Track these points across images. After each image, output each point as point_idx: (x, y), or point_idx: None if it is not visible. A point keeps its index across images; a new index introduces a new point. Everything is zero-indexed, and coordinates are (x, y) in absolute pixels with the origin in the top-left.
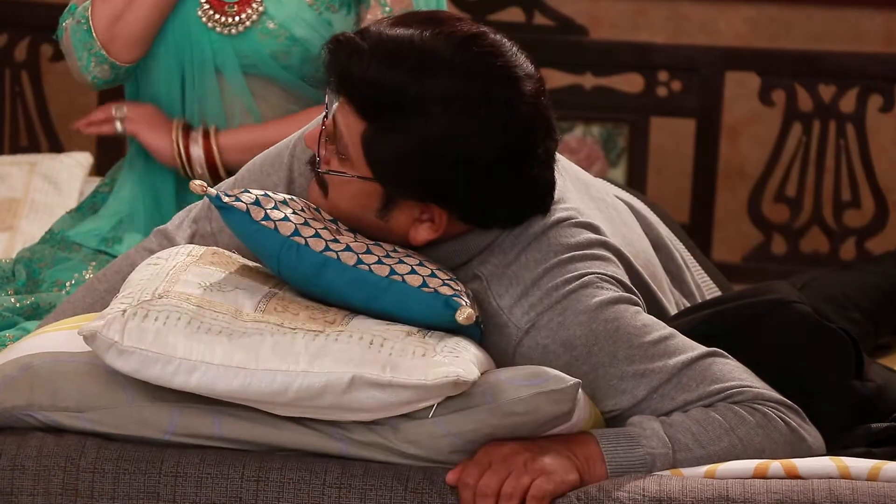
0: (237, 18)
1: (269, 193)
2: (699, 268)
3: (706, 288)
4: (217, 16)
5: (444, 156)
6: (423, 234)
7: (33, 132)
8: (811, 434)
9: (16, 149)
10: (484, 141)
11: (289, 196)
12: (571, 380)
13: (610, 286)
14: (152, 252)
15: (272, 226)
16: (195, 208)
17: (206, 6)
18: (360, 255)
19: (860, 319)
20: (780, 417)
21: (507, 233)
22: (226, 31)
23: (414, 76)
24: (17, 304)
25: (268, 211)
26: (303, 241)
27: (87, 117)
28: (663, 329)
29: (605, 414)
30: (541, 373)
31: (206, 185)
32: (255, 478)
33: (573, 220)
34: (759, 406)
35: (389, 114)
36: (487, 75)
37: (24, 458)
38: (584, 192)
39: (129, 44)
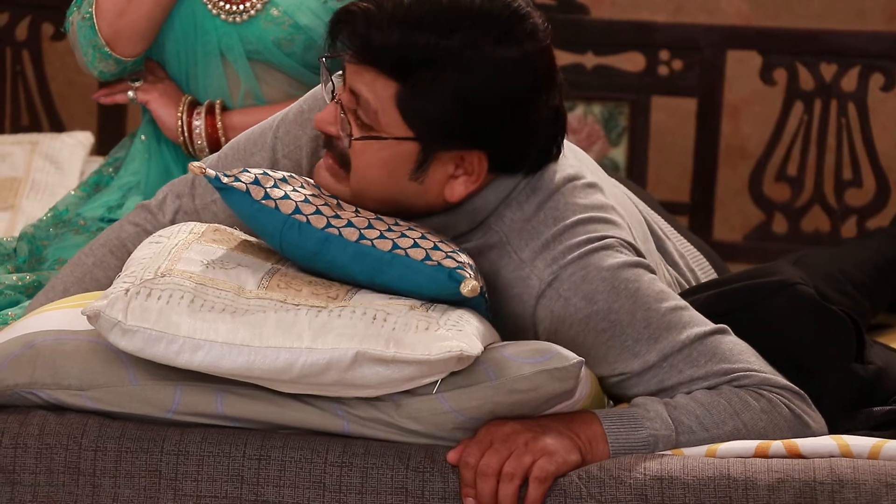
0: (242, 6)
1: (268, 172)
2: (679, 237)
3: (690, 257)
4: (222, 3)
5: (482, 97)
6: (459, 188)
7: (34, 111)
8: (815, 420)
9: (17, 128)
10: (516, 74)
11: (287, 173)
12: (575, 357)
13: (627, 251)
14: (138, 225)
15: (273, 205)
16: (178, 183)
17: None
18: (363, 231)
19: (856, 295)
20: (784, 403)
21: (521, 188)
22: (230, 19)
23: (441, 30)
24: (20, 283)
25: (268, 189)
26: (304, 219)
27: (109, 88)
28: (678, 300)
29: (614, 377)
30: (544, 350)
31: (203, 166)
32: (257, 456)
33: (584, 181)
34: (765, 391)
35: (423, 69)
36: (508, 12)
37: (27, 436)
38: (582, 161)
39: (133, 39)
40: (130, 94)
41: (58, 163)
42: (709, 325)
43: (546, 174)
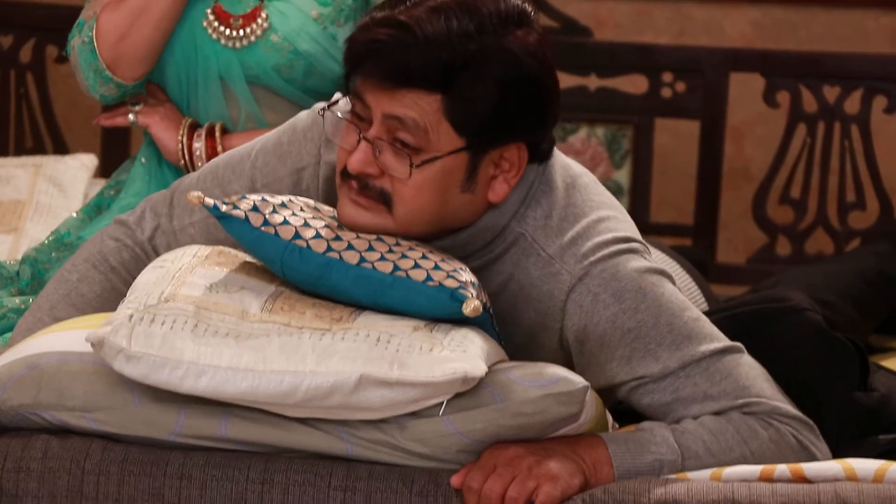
0: (242, 32)
1: (266, 197)
2: (667, 258)
3: (678, 280)
4: (223, 28)
5: (520, 82)
6: (502, 188)
7: (38, 134)
8: (822, 452)
9: (21, 150)
10: (540, 55)
11: (286, 197)
12: (581, 381)
13: (650, 258)
14: (118, 240)
15: (273, 231)
16: (157, 201)
17: (212, 18)
18: (363, 253)
19: (838, 303)
20: (792, 434)
21: (536, 186)
22: (230, 44)
23: (470, 31)
24: (23, 306)
25: (267, 216)
26: (304, 244)
27: (110, 111)
28: (698, 312)
29: (632, 382)
30: (551, 373)
31: (202, 196)
32: (261, 480)
33: (587, 173)
34: (774, 420)
35: (464, 73)
36: (517, 7)
37: (30, 459)
38: None
39: (134, 63)
40: (131, 117)
41: (61, 185)
42: (727, 342)
43: (553, 169)
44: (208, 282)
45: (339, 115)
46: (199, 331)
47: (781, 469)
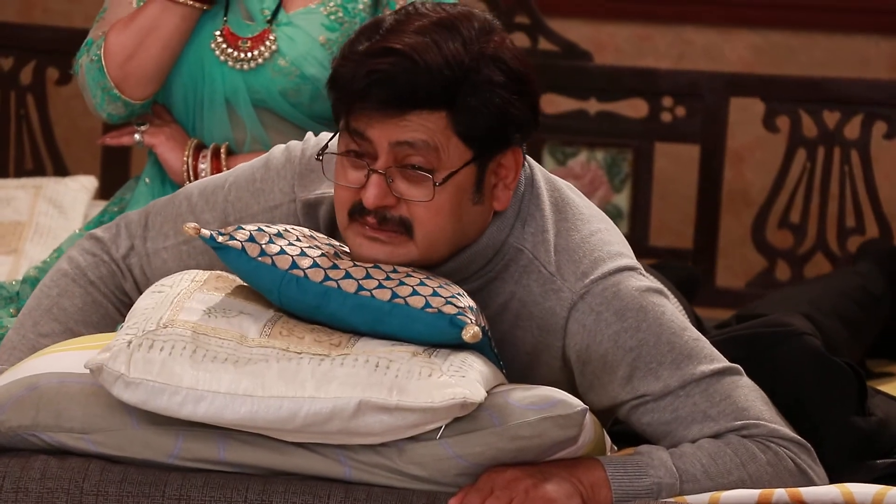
0: (250, 54)
1: (263, 227)
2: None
3: None
4: (230, 50)
5: (511, 83)
6: (503, 196)
7: (38, 155)
8: (819, 476)
9: (21, 172)
10: (518, 53)
11: (282, 226)
12: (579, 405)
13: (648, 277)
14: (94, 255)
15: (269, 261)
16: (132, 221)
17: (220, 40)
18: (361, 281)
19: (842, 331)
20: (790, 457)
21: (527, 199)
22: (238, 66)
23: (459, 45)
24: None
25: (263, 246)
26: (301, 274)
27: (116, 130)
28: (697, 332)
29: (633, 401)
30: (549, 396)
31: (198, 227)
32: (259, 501)
33: (570, 187)
34: (772, 444)
35: (464, 85)
36: (480, 10)
37: (28, 480)
38: None
39: (142, 82)
40: (137, 136)
41: (61, 207)
42: (727, 363)
43: (538, 182)
44: (206, 306)
45: (338, 153)
46: (198, 356)
47: (780, 493)
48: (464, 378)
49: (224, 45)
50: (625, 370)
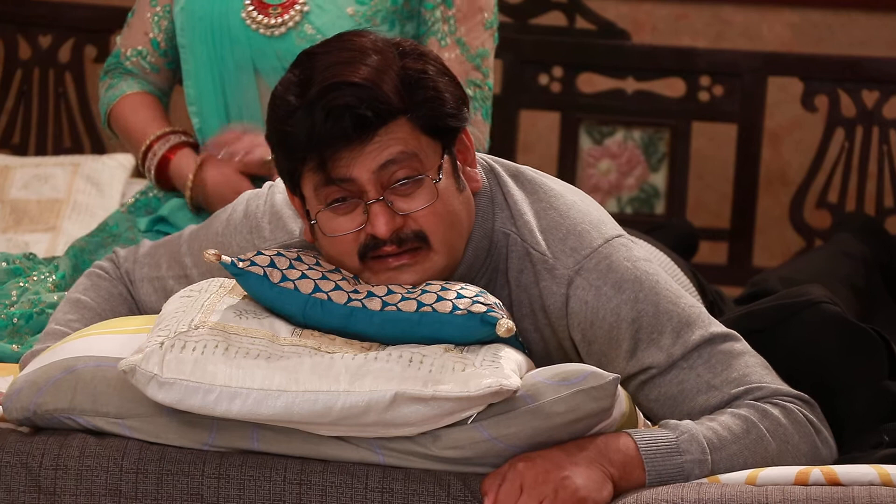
0: (279, 20)
1: (282, 252)
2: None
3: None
4: (260, 17)
5: (444, 72)
6: (473, 175)
7: (76, 133)
8: (825, 427)
9: (59, 149)
10: (420, 46)
11: (300, 250)
12: (610, 375)
13: (637, 248)
14: (112, 261)
15: (291, 286)
16: (130, 250)
17: (251, 8)
18: (384, 298)
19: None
20: (799, 410)
21: (496, 188)
22: (268, 33)
23: (390, 58)
24: (59, 301)
25: (285, 272)
26: (325, 297)
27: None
28: (690, 297)
29: (640, 375)
30: (578, 371)
31: (219, 253)
32: (298, 481)
33: (524, 166)
34: (779, 400)
35: (411, 87)
36: (382, 35)
37: (67, 458)
38: None
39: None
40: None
41: (99, 185)
42: (723, 328)
43: (493, 166)
44: (237, 309)
45: (324, 209)
46: (231, 353)
47: (816, 473)
48: (497, 368)
49: (255, 13)
50: (628, 343)
